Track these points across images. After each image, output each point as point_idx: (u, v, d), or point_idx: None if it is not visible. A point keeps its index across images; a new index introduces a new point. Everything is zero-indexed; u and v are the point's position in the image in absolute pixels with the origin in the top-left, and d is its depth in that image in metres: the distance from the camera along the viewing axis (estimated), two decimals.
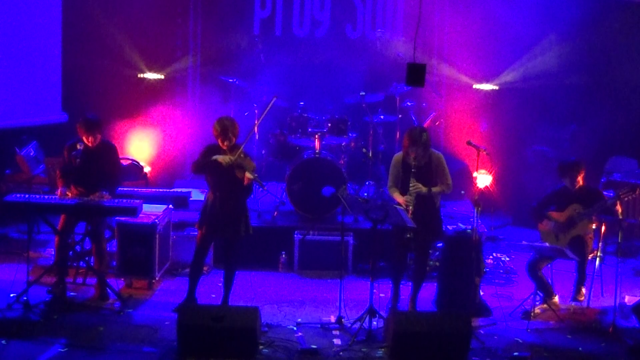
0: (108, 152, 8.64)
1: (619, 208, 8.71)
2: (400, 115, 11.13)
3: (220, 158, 8.03)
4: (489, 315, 8.48)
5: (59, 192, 8.43)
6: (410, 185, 8.14)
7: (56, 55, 11.59)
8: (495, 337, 7.97)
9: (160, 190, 10.62)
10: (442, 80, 12.18)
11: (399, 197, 8.26)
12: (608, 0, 11.68)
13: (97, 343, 7.51)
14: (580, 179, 8.77)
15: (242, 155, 8.10)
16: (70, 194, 8.43)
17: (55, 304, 8.26)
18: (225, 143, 8.13)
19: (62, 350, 7.35)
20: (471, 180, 10.69)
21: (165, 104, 12.03)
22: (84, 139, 8.44)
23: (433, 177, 8.26)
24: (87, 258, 8.82)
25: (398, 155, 8.45)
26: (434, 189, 8.23)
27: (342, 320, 8.11)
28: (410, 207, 8.10)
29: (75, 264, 8.89)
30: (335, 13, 12.07)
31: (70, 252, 8.75)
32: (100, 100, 11.40)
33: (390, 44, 11.73)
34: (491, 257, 9.83)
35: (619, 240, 8.41)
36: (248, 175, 7.99)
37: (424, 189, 8.16)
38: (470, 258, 8.36)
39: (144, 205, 8.58)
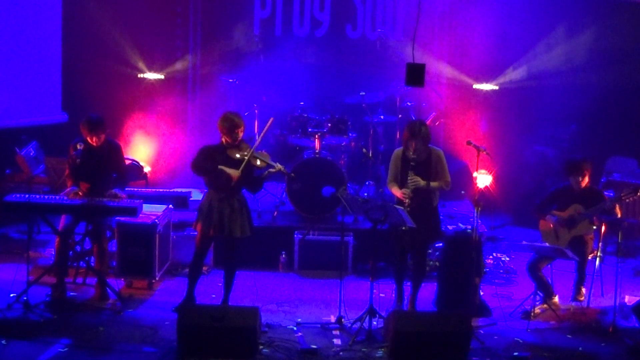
0: (113, 151, 8.65)
1: (618, 211, 8.72)
2: (400, 115, 11.13)
3: (229, 171, 8.00)
4: (489, 315, 8.48)
5: (67, 190, 8.42)
6: (409, 178, 8.14)
7: (56, 55, 11.58)
8: (495, 337, 7.97)
9: (160, 190, 10.62)
10: (442, 80, 12.18)
11: (397, 191, 8.26)
12: (607, 1, 11.69)
13: (97, 343, 7.50)
14: (585, 179, 8.74)
15: (254, 151, 8.09)
16: (81, 193, 8.43)
17: (55, 304, 8.25)
18: (237, 136, 8.10)
19: (63, 350, 7.34)
20: (471, 180, 10.69)
21: (166, 104, 12.03)
22: (88, 139, 8.44)
23: (432, 173, 8.24)
24: (87, 258, 8.82)
25: (398, 151, 8.45)
26: (433, 184, 8.22)
27: (342, 320, 8.11)
28: (408, 200, 8.10)
29: (75, 264, 8.89)
30: (335, 13, 12.06)
31: (70, 252, 8.76)
32: (100, 100, 11.39)
33: (390, 44, 11.73)
34: (491, 257, 9.83)
35: (619, 240, 8.41)
36: (278, 166, 8.06)
37: (422, 183, 8.14)
38: (470, 258, 8.35)
39: (144, 205, 8.58)
